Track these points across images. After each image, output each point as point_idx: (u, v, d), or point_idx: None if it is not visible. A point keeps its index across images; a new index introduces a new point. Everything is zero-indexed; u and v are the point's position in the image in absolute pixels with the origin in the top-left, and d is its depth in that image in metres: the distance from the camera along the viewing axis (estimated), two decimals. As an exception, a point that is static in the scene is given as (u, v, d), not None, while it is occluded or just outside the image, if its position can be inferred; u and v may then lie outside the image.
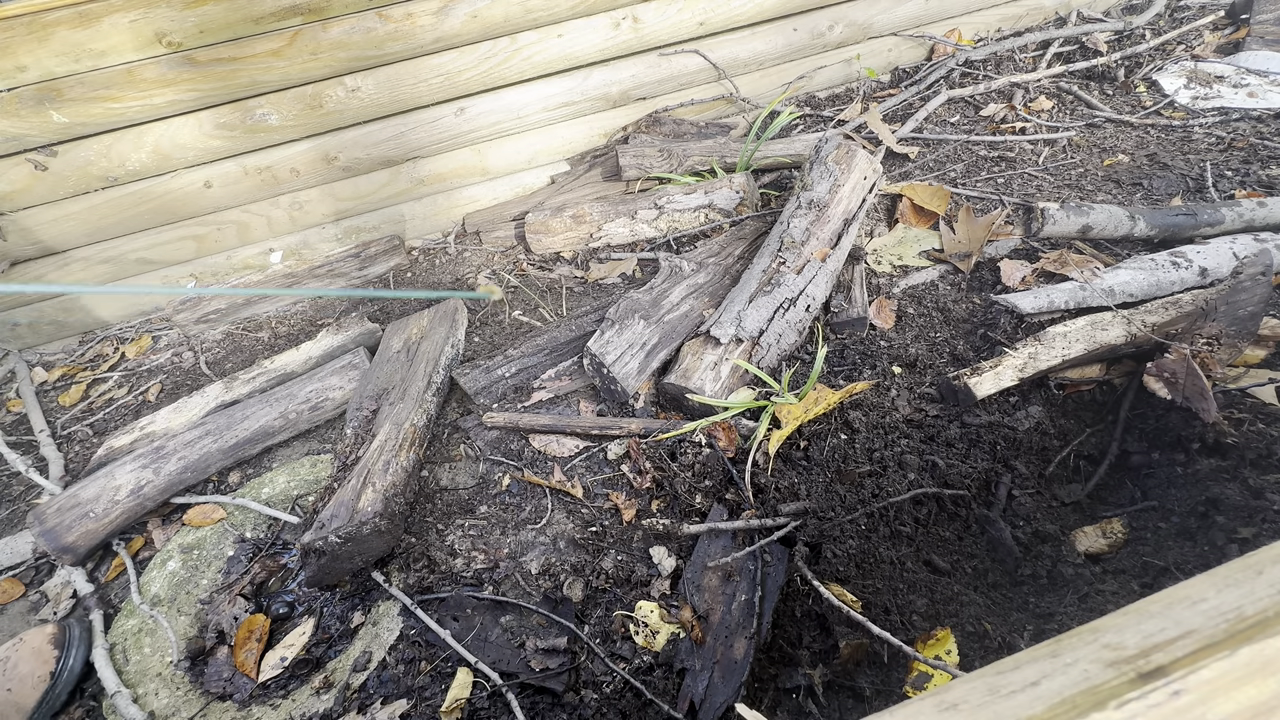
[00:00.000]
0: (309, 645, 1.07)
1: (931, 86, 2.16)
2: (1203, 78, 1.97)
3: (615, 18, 1.87)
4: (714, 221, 1.73)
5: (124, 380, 1.74)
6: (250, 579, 1.17)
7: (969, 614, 0.93)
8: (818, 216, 1.36)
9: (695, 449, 1.19)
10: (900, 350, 1.30)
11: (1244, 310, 1.09)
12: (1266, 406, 1.04)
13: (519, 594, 1.05)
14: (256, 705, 1.01)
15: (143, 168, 1.69)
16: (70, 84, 1.53)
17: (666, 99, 2.08)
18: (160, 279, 1.88)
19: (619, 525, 1.13)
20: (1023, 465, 1.10)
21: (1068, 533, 1.03)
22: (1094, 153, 1.79)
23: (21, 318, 1.81)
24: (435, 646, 1.01)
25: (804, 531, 1.03)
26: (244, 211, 1.85)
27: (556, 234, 1.74)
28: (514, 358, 1.38)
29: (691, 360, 1.24)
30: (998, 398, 1.17)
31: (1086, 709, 0.30)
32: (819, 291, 1.32)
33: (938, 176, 1.80)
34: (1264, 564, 0.36)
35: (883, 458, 1.11)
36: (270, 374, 1.50)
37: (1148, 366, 1.07)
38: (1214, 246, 1.29)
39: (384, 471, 1.14)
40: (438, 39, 1.74)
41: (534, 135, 2.00)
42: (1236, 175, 1.59)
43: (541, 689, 0.94)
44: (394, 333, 1.50)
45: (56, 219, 1.70)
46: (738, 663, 0.92)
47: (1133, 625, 0.34)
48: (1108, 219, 1.34)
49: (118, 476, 1.25)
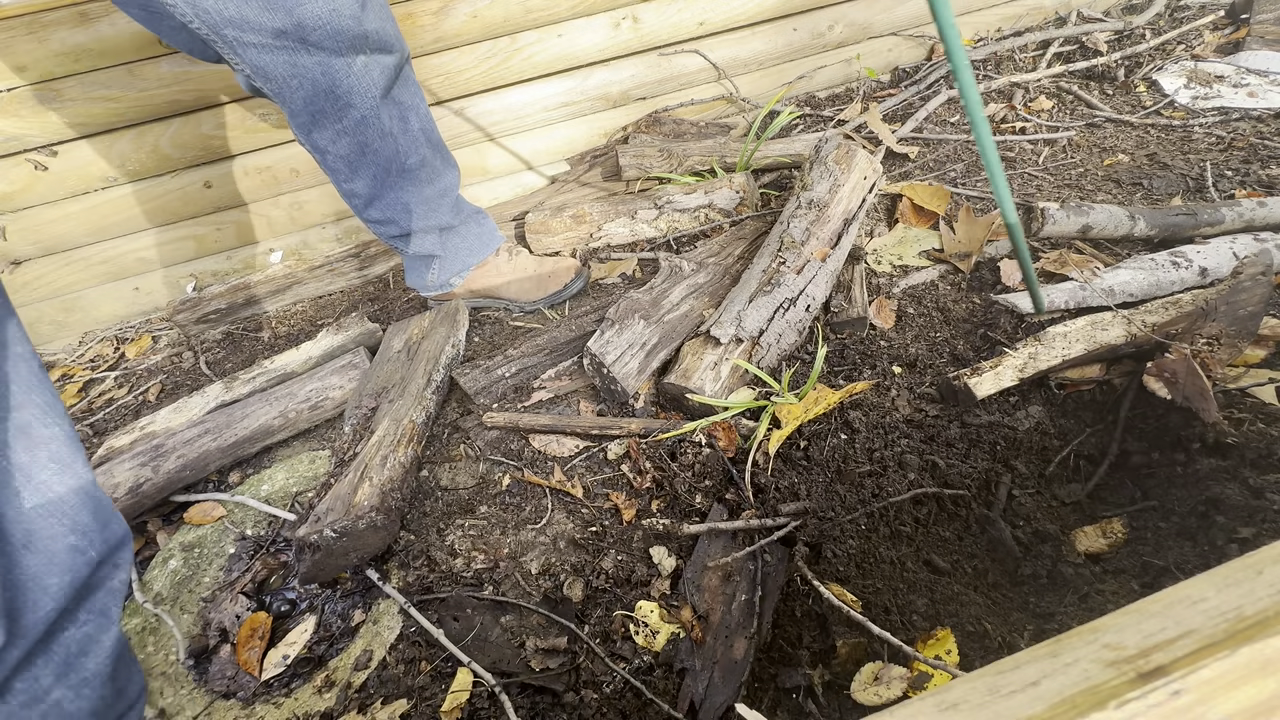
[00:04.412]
0: (311, 643, 1.07)
1: (931, 86, 2.16)
2: (1203, 77, 1.97)
3: (615, 18, 1.87)
4: (714, 221, 1.73)
5: (124, 380, 1.74)
6: (252, 577, 1.17)
7: (969, 614, 0.93)
8: (818, 216, 1.36)
9: (695, 449, 1.19)
10: (900, 350, 1.30)
11: (1244, 310, 1.09)
12: (1266, 406, 1.04)
13: (519, 594, 1.05)
14: (260, 703, 1.01)
15: (143, 167, 1.69)
16: (70, 84, 1.54)
17: (666, 99, 2.08)
18: (160, 279, 1.88)
19: (619, 525, 1.13)
20: (1023, 465, 1.10)
21: (1068, 533, 1.03)
22: (1094, 152, 1.79)
23: (21, 317, 1.81)
24: (435, 646, 1.01)
25: (804, 531, 1.03)
26: (244, 211, 1.85)
27: (556, 234, 1.74)
28: (514, 358, 1.38)
29: (691, 360, 1.24)
30: (998, 398, 1.17)
31: (1086, 709, 0.30)
32: (819, 291, 1.32)
33: (938, 176, 1.80)
34: (1264, 564, 0.36)
35: (883, 458, 1.11)
36: (270, 374, 1.50)
37: (1148, 366, 1.07)
38: (1214, 246, 1.29)
39: (381, 466, 1.14)
40: (438, 39, 1.74)
41: (534, 135, 2.00)
42: (1236, 175, 1.59)
43: (541, 689, 0.94)
44: (395, 333, 1.50)
45: (56, 219, 1.70)
46: (738, 663, 0.92)
47: (1133, 625, 0.34)
48: (1108, 219, 1.34)
49: (116, 474, 1.25)
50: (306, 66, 1.13)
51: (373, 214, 1.39)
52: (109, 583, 0.74)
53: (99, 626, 0.72)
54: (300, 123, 1.22)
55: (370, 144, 1.26)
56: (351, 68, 1.16)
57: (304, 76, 1.14)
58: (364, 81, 1.18)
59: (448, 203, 1.44)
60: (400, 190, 1.36)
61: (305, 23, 1.07)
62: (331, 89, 1.17)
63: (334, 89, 1.17)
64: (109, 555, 0.73)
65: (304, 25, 1.08)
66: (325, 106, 1.19)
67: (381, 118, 1.24)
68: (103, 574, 0.73)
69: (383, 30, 1.17)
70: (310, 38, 1.09)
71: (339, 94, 1.18)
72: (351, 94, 1.18)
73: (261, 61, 1.11)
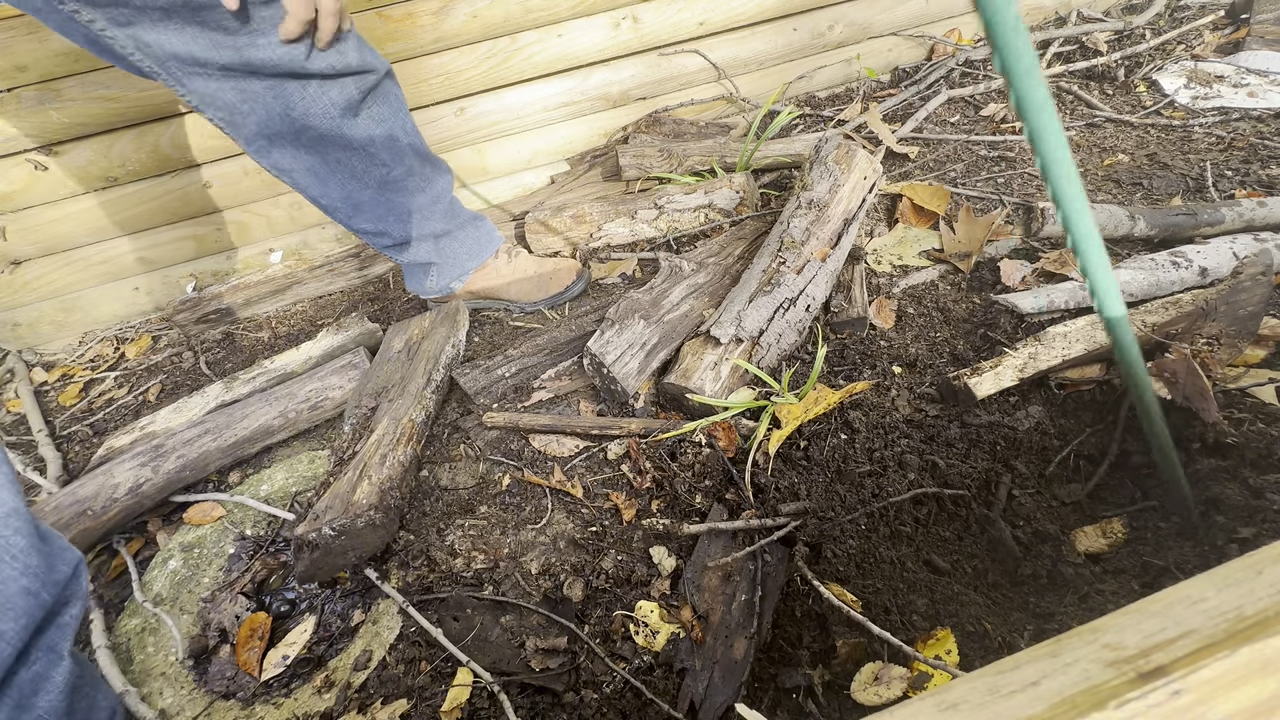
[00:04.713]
0: (310, 643, 1.07)
1: (931, 86, 2.16)
2: (1203, 77, 1.97)
3: (615, 17, 1.87)
4: (714, 221, 1.73)
5: (124, 380, 1.74)
6: (251, 577, 1.17)
7: (969, 614, 0.93)
8: (818, 216, 1.36)
9: (695, 449, 1.19)
10: (900, 350, 1.30)
11: (1244, 310, 1.09)
12: (1266, 406, 1.04)
13: (519, 594, 1.05)
14: (260, 704, 1.01)
15: (143, 167, 1.69)
16: (70, 84, 1.54)
17: (666, 99, 2.08)
18: (160, 279, 1.88)
19: (619, 525, 1.13)
20: (1023, 465, 1.10)
21: (1068, 533, 1.03)
22: (1094, 152, 1.79)
23: (21, 317, 1.81)
24: (435, 646, 1.01)
25: (804, 531, 1.03)
26: (244, 211, 1.85)
27: (556, 234, 1.74)
28: (514, 358, 1.38)
29: (691, 360, 1.24)
30: (998, 398, 1.17)
31: (1086, 709, 0.30)
32: (819, 291, 1.32)
33: (938, 176, 1.80)
34: (1264, 564, 0.36)
35: (883, 458, 1.11)
36: (270, 374, 1.50)
37: (1148, 366, 1.07)
38: (1214, 246, 1.29)
39: (380, 465, 1.14)
40: (438, 39, 1.74)
41: (534, 135, 2.00)
42: (1236, 175, 1.59)
43: (541, 689, 0.94)
44: (396, 333, 1.50)
45: (56, 219, 1.70)
46: (738, 663, 0.92)
47: (1133, 625, 0.34)
48: (1108, 218, 1.34)
49: (116, 474, 1.25)
50: (257, 92, 1.08)
51: (361, 225, 1.36)
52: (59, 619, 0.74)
53: (49, 663, 0.72)
54: (257, 147, 1.17)
55: (340, 160, 1.22)
56: (306, 89, 1.10)
57: (255, 101, 1.09)
58: (321, 102, 1.12)
59: (440, 209, 1.42)
60: (387, 202, 1.32)
61: (254, 60, 1.03)
62: (286, 112, 1.11)
63: (289, 112, 1.11)
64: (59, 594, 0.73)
65: (252, 62, 1.04)
66: (281, 129, 1.13)
67: (347, 133, 1.18)
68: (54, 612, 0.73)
69: (343, 58, 1.11)
70: (261, 70, 1.05)
71: (294, 116, 1.11)
72: (309, 115, 1.12)
73: (208, 89, 1.06)
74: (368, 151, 1.23)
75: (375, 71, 1.18)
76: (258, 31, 1.02)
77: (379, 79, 1.20)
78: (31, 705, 0.70)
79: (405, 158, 1.29)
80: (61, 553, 0.76)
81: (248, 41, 1.02)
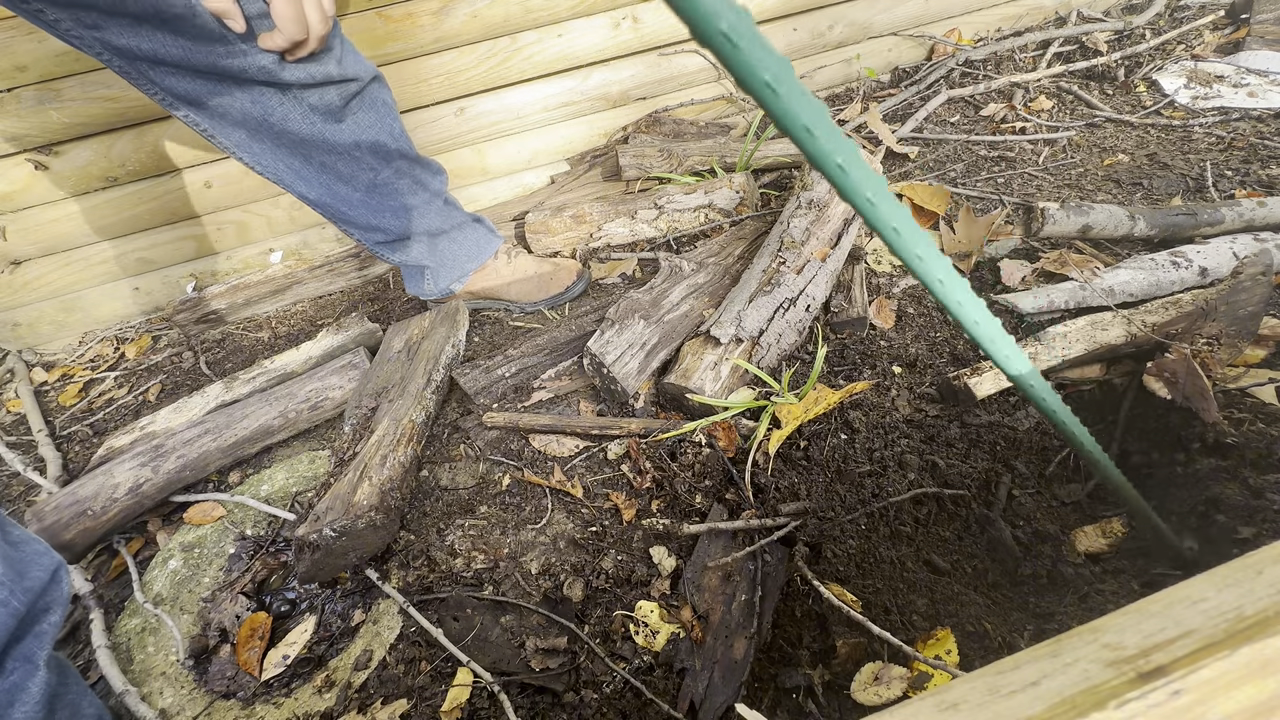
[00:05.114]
0: (311, 643, 1.07)
1: (931, 86, 2.16)
2: (1203, 77, 1.97)
3: (615, 17, 1.87)
4: (714, 221, 1.73)
5: (124, 380, 1.74)
6: (251, 577, 1.17)
7: (969, 614, 0.93)
8: (818, 216, 1.36)
9: (695, 449, 1.19)
10: (900, 350, 1.30)
11: (1244, 310, 1.09)
12: (1266, 406, 1.04)
13: (519, 594, 1.05)
14: (260, 703, 1.01)
15: (143, 167, 1.69)
16: (70, 84, 1.53)
17: (666, 99, 2.08)
18: (160, 279, 1.88)
19: (619, 525, 1.13)
20: (1023, 465, 1.10)
21: (1068, 533, 1.03)
22: (1094, 152, 1.79)
23: (21, 317, 1.81)
24: (435, 646, 1.01)
25: (804, 531, 1.03)
26: (244, 211, 1.85)
27: (556, 234, 1.74)
28: (514, 358, 1.38)
29: (691, 360, 1.24)
30: (998, 398, 1.17)
31: (1086, 709, 0.30)
32: (819, 291, 1.32)
33: (938, 176, 1.80)
34: (1264, 564, 0.36)
35: (883, 458, 1.11)
36: (270, 374, 1.50)
37: (1148, 366, 1.07)
38: (1214, 246, 1.29)
39: (381, 466, 1.14)
40: (438, 39, 1.74)
41: (534, 135, 2.00)
42: (1236, 175, 1.59)
43: (541, 689, 0.94)
44: (396, 333, 1.50)
45: (56, 219, 1.70)
46: (738, 663, 0.92)
47: (1133, 625, 0.34)
48: (1108, 219, 1.34)
49: (116, 474, 1.25)
50: (233, 97, 1.06)
51: (352, 226, 1.37)
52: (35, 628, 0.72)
53: (25, 674, 0.70)
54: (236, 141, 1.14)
55: (325, 164, 1.21)
56: (285, 95, 1.09)
57: (232, 106, 1.08)
58: (300, 108, 1.11)
59: (434, 210, 1.41)
60: (377, 203, 1.32)
61: (230, 68, 1.01)
62: (264, 117, 1.09)
63: (267, 117, 1.09)
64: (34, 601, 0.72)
65: (229, 70, 1.01)
66: (261, 132, 1.12)
67: (329, 138, 1.17)
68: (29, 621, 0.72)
69: (323, 68, 1.10)
70: (238, 78, 1.03)
71: (272, 121, 1.10)
72: (288, 120, 1.11)
73: (183, 89, 1.04)
74: (353, 155, 1.23)
75: (358, 79, 1.17)
76: (233, 41, 1.00)
77: (363, 86, 1.19)
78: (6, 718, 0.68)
79: (393, 161, 1.29)
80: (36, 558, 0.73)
81: (225, 51, 1.00)
